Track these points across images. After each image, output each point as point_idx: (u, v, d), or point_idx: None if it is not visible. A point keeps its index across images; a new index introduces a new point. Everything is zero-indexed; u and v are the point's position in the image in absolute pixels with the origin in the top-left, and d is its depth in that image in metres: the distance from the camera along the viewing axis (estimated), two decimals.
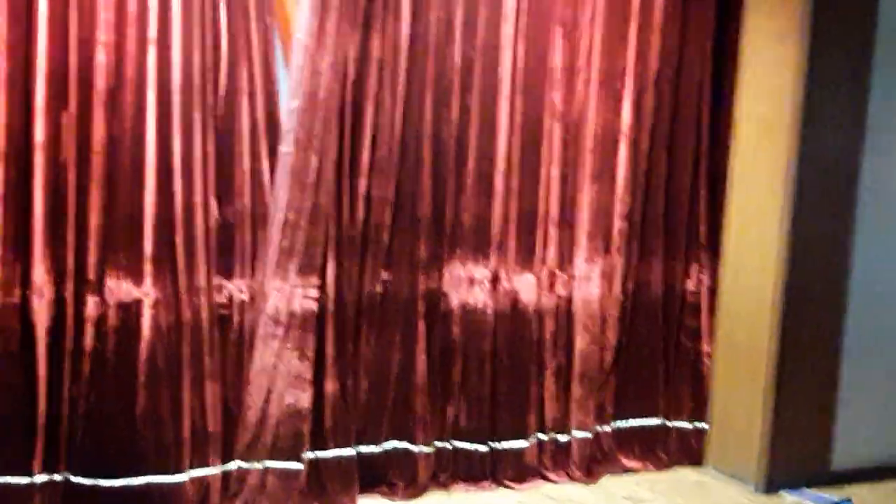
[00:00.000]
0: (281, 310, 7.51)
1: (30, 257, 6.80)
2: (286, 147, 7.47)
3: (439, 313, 8.06)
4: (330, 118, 7.53)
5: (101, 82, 6.86)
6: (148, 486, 7.06)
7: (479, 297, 8.16)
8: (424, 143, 7.86)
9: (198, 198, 7.17)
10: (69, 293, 6.90)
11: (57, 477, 6.95)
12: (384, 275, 7.84)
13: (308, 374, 7.57)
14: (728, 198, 8.76)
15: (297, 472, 7.56)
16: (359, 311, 7.80)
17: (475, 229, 8.11)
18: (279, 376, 7.52)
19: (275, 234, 7.51)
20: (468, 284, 8.14)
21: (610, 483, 8.54)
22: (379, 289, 7.81)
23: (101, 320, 6.97)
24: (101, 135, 6.89)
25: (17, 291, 6.81)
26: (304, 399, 7.57)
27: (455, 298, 8.11)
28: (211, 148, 7.24)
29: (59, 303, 6.91)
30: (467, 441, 8.20)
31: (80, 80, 6.83)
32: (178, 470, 7.12)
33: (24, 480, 6.87)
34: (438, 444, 8.11)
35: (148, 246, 7.02)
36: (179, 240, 7.11)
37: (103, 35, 6.84)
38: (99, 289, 6.95)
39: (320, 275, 7.60)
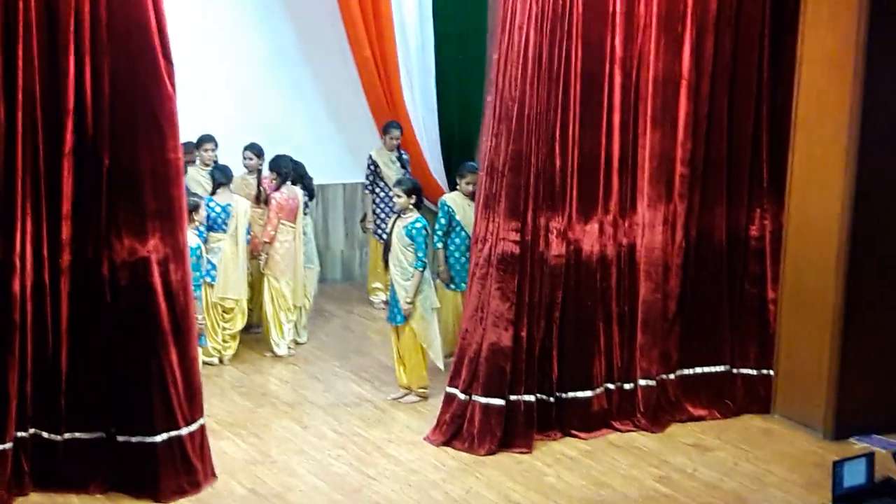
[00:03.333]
0: (488, 251, 7.87)
1: None
2: (489, 96, 7.90)
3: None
4: (527, 70, 7.76)
5: None
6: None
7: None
8: None
9: None
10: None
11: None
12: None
13: (510, 315, 7.86)
14: (791, 141, 8.59)
15: (499, 408, 7.93)
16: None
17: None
18: (486, 315, 7.91)
19: (482, 180, 7.94)
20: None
21: (676, 431, 8.50)
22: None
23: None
24: None
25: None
26: (506, 338, 7.86)
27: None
28: None
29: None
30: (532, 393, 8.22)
31: None
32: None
33: None
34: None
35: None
36: None
37: None
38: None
39: (521, 219, 7.86)
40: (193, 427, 7.25)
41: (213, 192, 9.67)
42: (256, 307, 10.21)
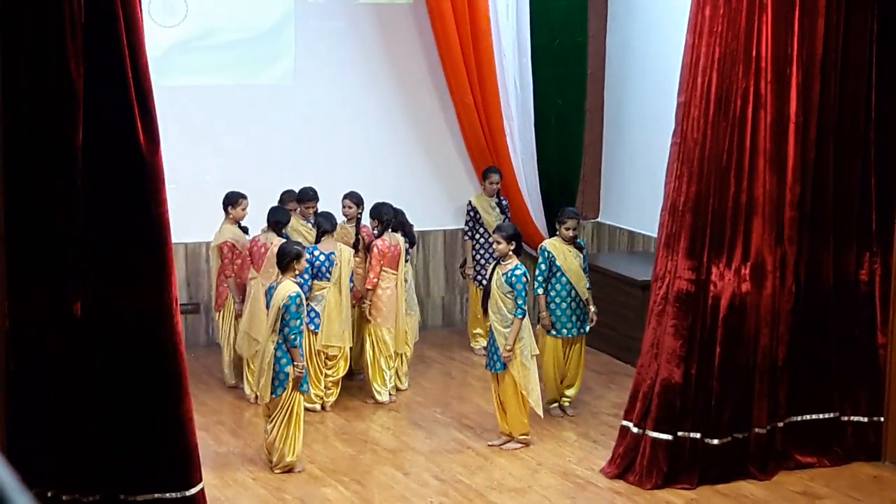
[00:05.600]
0: (665, 289, 8.03)
1: None
2: (674, 138, 8.06)
3: None
4: (709, 112, 7.92)
5: None
6: None
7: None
8: None
9: None
10: None
11: None
12: None
13: (681, 352, 8.01)
14: None
15: (667, 443, 8.04)
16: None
17: None
18: (661, 352, 8.06)
19: (664, 219, 8.09)
20: None
21: (784, 479, 8.33)
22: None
23: None
24: None
25: None
26: (677, 374, 8.01)
27: None
28: None
29: None
30: None
31: None
32: None
33: None
34: None
35: None
36: None
37: None
38: None
39: (698, 259, 8.01)
40: (191, 491, 6.84)
41: (317, 240, 9.73)
42: (358, 354, 10.25)
